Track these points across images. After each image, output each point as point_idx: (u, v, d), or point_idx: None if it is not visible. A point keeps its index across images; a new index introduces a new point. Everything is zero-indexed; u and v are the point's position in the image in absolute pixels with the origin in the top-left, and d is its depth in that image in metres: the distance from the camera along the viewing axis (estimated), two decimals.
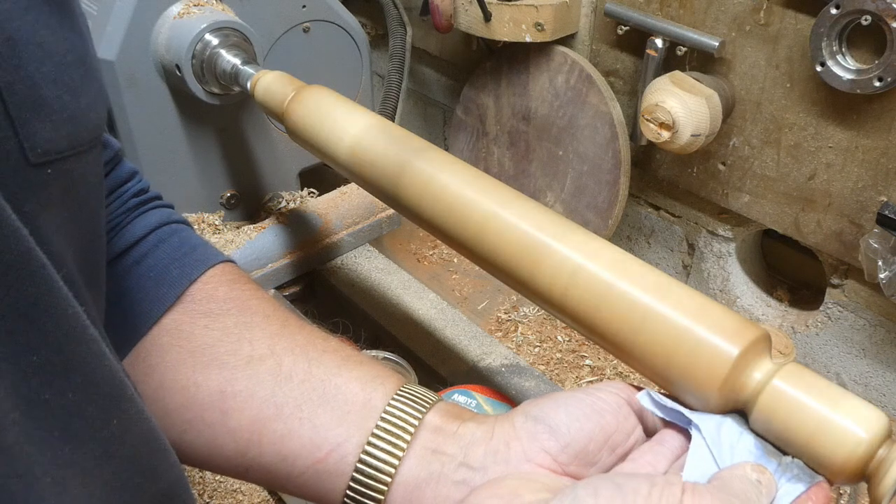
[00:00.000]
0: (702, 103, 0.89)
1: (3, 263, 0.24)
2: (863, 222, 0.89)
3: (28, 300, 0.25)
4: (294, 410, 0.41)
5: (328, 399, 0.42)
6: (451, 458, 0.39)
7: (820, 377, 0.38)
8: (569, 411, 0.39)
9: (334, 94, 0.69)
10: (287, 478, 0.41)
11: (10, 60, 0.28)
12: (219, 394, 0.42)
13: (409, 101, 1.46)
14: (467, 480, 0.38)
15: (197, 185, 0.99)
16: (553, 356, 1.08)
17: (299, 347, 0.44)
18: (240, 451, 0.42)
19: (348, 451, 0.40)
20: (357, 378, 0.43)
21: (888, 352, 0.95)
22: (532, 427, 0.39)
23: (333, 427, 0.41)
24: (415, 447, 0.40)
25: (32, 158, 0.29)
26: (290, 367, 0.43)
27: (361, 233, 1.06)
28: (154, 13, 0.87)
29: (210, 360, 0.43)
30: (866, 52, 0.81)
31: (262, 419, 0.41)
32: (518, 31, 1.07)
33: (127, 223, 0.47)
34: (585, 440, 0.38)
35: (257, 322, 0.45)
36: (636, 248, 1.22)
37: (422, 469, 0.39)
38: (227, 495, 0.78)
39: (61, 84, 0.31)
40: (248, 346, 0.43)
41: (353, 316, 0.98)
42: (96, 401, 0.28)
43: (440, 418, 0.41)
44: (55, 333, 0.26)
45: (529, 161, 1.21)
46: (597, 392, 0.40)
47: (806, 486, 0.36)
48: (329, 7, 1.01)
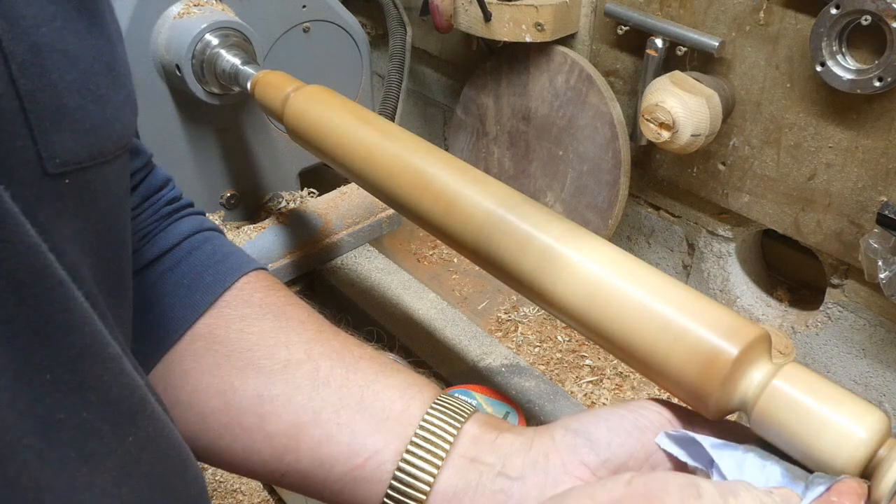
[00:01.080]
0: (702, 103, 0.89)
1: (17, 280, 0.24)
2: (863, 222, 0.89)
3: (42, 317, 0.25)
4: (332, 416, 0.41)
5: (366, 406, 0.41)
6: (489, 467, 0.39)
7: (820, 377, 0.38)
8: (610, 426, 0.39)
9: (334, 94, 0.69)
10: (324, 484, 0.41)
11: (33, 69, 0.27)
12: (256, 398, 0.42)
13: (409, 101, 1.46)
14: (505, 490, 0.38)
15: (197, 185, 0.99)
16: (553, 356, 1.08)
17: (336, 353, 0.44)
18: (276, 455, 0.41)
19: (386, 459, 0.40)
20: (395, 385, 0.42)
21: (888, 352, 0.95)
22: (572, 440, 0.39)
23: (371, 434, 0.40)
24: (453, 457, 0.39)
25: (50, 168, 0.28)
26: (328, 373, 0.43)
27: (361, 233, 1.06)
28: (154, 13, 0.87)
29: (247, 363, 0.43)
30: (866, 52, 0.81)
31: (300, 424, 0.41)
32: (518, 31, 1.07)
33: (160, 231, 0.47)
34: (626, 456, 0.38)
35: (293, 327, 0.45)
36: (636, 248, 1.22)
37: (460, 479, 0.39)
38: (227, 495, 0.78)
39: (86, 92, 0.30)
40: (285, 351, 0.43)
41: (354, 316, 0.98)
42: (111, 419, 0.28)
43: (478, 428, 0.41)
44: (69, 351, 0.26)
45: (529, 161, 1.21)
46: (640, 409, 0.40)
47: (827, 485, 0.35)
48: (329, 7, 1.01)
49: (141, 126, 0.90)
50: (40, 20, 0.28)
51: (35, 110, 0.27)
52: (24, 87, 0.27)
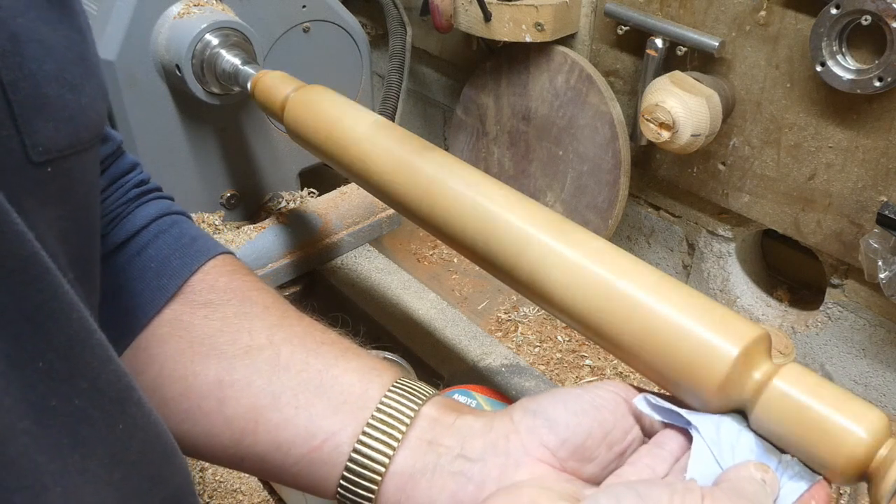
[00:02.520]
0: (702, 103, 0.89)
1: (6, 269, 0.24)
2: (863, 222, 0.89)
3: (32, 305, 0.25)
4: (290, 399, 0.41)
5: (325, 389, 0.42)
6: (447, 449, 0.39)
7: (820, 377, 0.38)
8: (567, 407, 0.39)
9: (334, 94, 0.69)
10: (282, 467, 0.42)
11: (14, 58, 0.28)
12: (216, 383, 0.42)
13: (409, 101, 1.46)
14: (465, 471, 0.38)
15: (197, 185, 0.99)
16: (553, 356, 1.08)
17: (297, 338, 0.44)
18: (235, 439, 0.42)
19: (343, 441, 0.40)
20: (354, 370, 0.43)
21: (888, 352, 0.95)
22: (531, 421, 0.39)
23: (329, 417, 0.41)
24: (410, 438, 0.40)
25: (34, 157, 0.28)
26: (288, 358, 0.43)
27: (361, 233, 1.06)
28: (154, 13, 0.87)
29: (209, 349, 0.43)
30: (866, 52, 0.81)
31: (259, 408, 0.41)
32: (518, 31, 1.07)
33: (127, 213, 0.47)
34: (584, 436, 0.38)
35: (257, 312, 0.45)
36: (636, 248, 1.22)
37: (416, 460, 0.39)
38: (226, 495, 0.78)
39: (63, 82, 0.31)
40: (247, 336, 0.44)
41: (353, 316, 0.98)
42: (102, 406, 0.28)
43: (437, 410, 0.41)
44: (60, 338, 0.26)
45: (529, 161, 1.21)
46: (595, 390, 0.40)
47: (808, 484, 0.36)
48: (329, 7, 1.01)
49: (141, 126, 0.90)
50: (16, 10, 0.28)
51: (17, 100, 0.28)
52: (6, 76, 0.27)
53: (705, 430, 0.38)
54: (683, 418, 0.39)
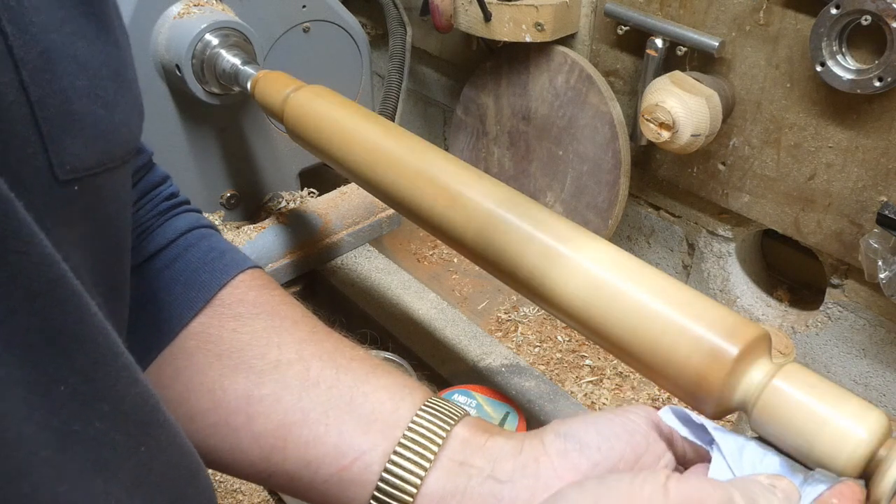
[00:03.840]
0: (702, 103, 0.89)
1: (32, 291, 0.24)
2: (863, 222, 0.89)
3: (56, 329, 0.25)
4: (320, 416, 0.41)
5: (355, 407, 0.41)
6: (478, 470, 0.39)
7: (820, 377, 0.38)
8: (599, 430, 0.38)
9: (334, 94, 0.69)
10: (311, 485, 0.41)
11: (44, 74, 0.27)
12: (245, 398, 0.42)
13: (409, 101, 1.46)
14: (495, 493, 0.38)
15: (197, 185, 0.99)
16: (553, 356, 1.08)
17: (327, 354, 0.43)
18: (264, 455, 0.41)
19: (373, 461, 0.39)
20: (385, 387, 0.42)
21: (888, 352, 0.95)
22: (562, 444, 0.38)
23: (359, 435, 0.40)
24: (442, 459, 0.39)
25: (60, 175, 0.28)
26: (318, 373, 0.42)
27: (361, 233, 1.06)
28: (154, 13, 0.87)
29: (237, 363, 0.42)
30: (866, 52, 0.81)
31: (288, 424, 0.41)
32: (518, 31, 1.07)
33: (157, 227, 0.47)
34: (616, 459, 0.38)
35: (286, 327, 0.44)
36: (636, 248, 1.22)
37: (448, 481, 0.39)
38: (227, 495, 0.78)
39: (95, 98, 0.30)
40: (277, 351, 0.43)
41: (353, 316, 0.98)
42: (125, 429, 0.28)
43: (468, 431, 0.40)
44: (83, 361, 0.26)
45: (529, 161, 1.21)
46: (627, 413, 0.40)
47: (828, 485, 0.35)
48: (329, 7, 1.01)
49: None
50: (50, 26, 0.28)
51: (45, 117, 0.27)
52: (35, 93, 0.27)
53: (727, 448, 0.37)
54: (708, 437, 0.38)
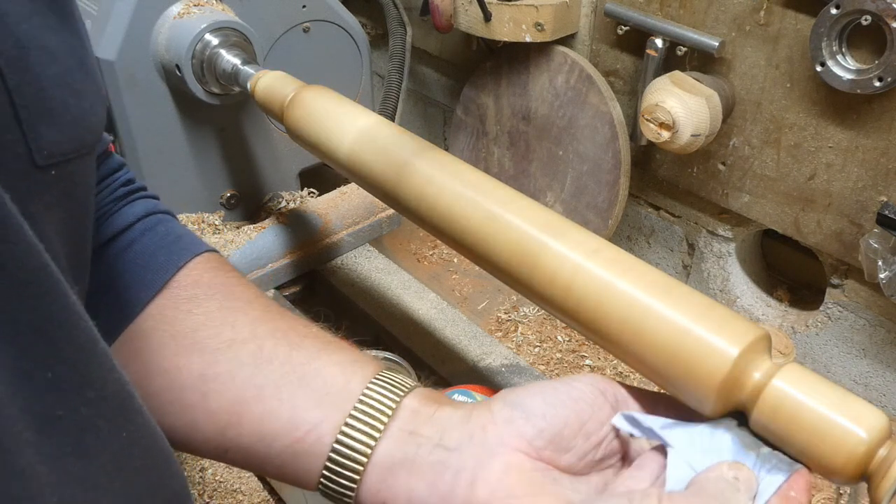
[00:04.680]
0: (702, 103, 0.89)
1: (17, 280, 0.24)
2: (863, 222, 0.89)
3: (41, 316, 0.25)
4: (274, 392, 0.42)
5: (307, 382, 0.42)
6: (427, 439, 0.40)
7: (820, 377, 0.38)
8: (545, 398, 0.40)
9: (334, 94, 0.69)
10: (265, 458, 0.42)
11: (19, 63, 0.28)
12: (200, 376, 0.43)
13: (409, 101, 1.46)
14: (443, 461, 0.39)
15: (197, 185, 0.99)
16: (553, 356, 1.08)
17: (280, 332, 0.45)
18: (220, 431, 0.42)
19: (325, 432, 0.40)
20: (336, 363, 0.43)
21: (888, 352, 0.95)
22: (509, 412, 0.40)
23: (311, 409, 0.41)
24: (391, 429, 0.40)
25: (39, 161, 0.29)
26: (271, 351, 0.43)
27: (361, 233, 1.06)
28: (154, 13, 0.87)
29: (192, 343, 0.43)
30: (866, 52, 0.81)
31: (242, 401, 0.42)
32: (518, 31, 1.07)
33: (114, 212, 0.48)
34: (560, 426, 0.39)
35: (240, 307, 0.45)
36: (636, 248, 1.22)
37: (397, 450, 0.40)
38: (227, 495, 0.78)
39: (66, 87, 0.31)
40: (231, 330, 0.44)
41: (353, 316, 0.98)
42: (106, 414, 0.28)
43: (418, 402, 0.42)
44: (68, 349, 0.26)
45: (529, 161, 1.21)
46: (573, 381, 0.41)
47: (786, 476, 0.36)
48: (329, 7, 1.01)
49: (141, 126, 0.90)
50: (20, 17, 0.29)
51: (23, 104, 0.28)
52: (12, 81, 0.28)
53: (678, 441, 0.38)
54: (658, 434, 0.39)
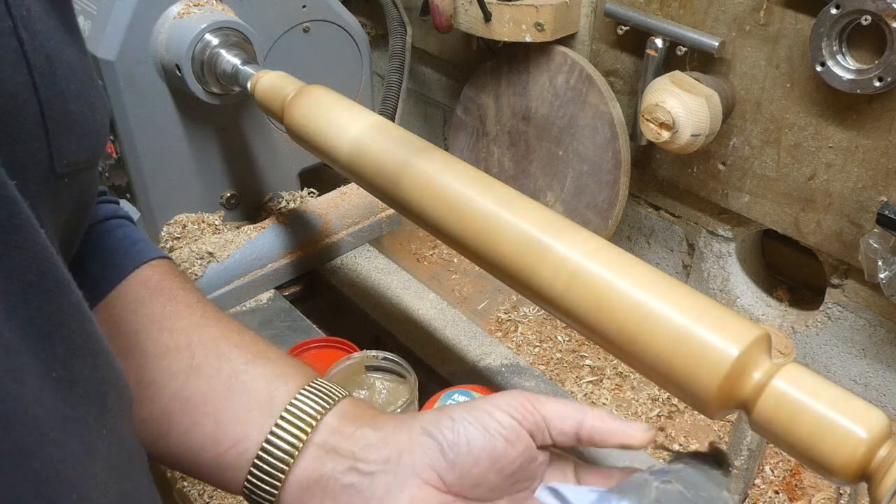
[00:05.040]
0: (702, 103, 0.89)
1: (25, 283, 0.25)
2: (863, 222, 0.89)
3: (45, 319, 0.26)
4: (199, 405, 0.43)
5: (233, 395, 0.43)
6: (343, 459, 0.41)
7: (820, 377, 0.38)
8: (459, 430, 0.40)
9: (334, 94, 0.69)
10: (193, 466, 0.43)
11: (49, 77, 0.30)
12: (135, 383, 0.43)
13: (409, 101, 1.46)
14: (355, 485, 0.40)
15: (197, 185, 0.99)
16: (553, 356, 1.08)
17: (213, 341, 0.45)
18: (151, 440, 0.43)
19: (248, 448, 0.42)
20: (262, 376, 0.44)
21: (888, 352, 0.95)
22: (425, 442, 0.40)
23: (235, 424, 0.42)
24: (311, 446, 0.41)
25: (58, 169, 0.31)
26: (202, 361, 0.44)
27: (361, 233, 1.06)
28: (154, 13, 0.87)
29: (132, 346, 0.44)
30: (866, 52, 0.81)
31: (170, 412, 0.43)
32: (518, 31, 1.07)
33: None
34: (471, 464, 0.40)
35: (180, 311, 0.47)
36: (636, 248, 1.22)
37: (314, 469, 0.41)
38: (227, 496, 0.78)
39: (83, 100, 0.33)
40: (168, 336, 0.45)
41: (353, 316, 0.98)
42: (92, 411, 0.29)
43: (338, 419, 0.42)
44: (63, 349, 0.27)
45: (529, 161, 1.21)
46: (494, 411, 0.41)
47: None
48: (329, 7, 1.01)
49: (141, 126, 0.90)
50: (48, 34, 0.31)
51: (50, 115, 0.30)
52: (43, 94, 0.29)
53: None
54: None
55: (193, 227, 0.99)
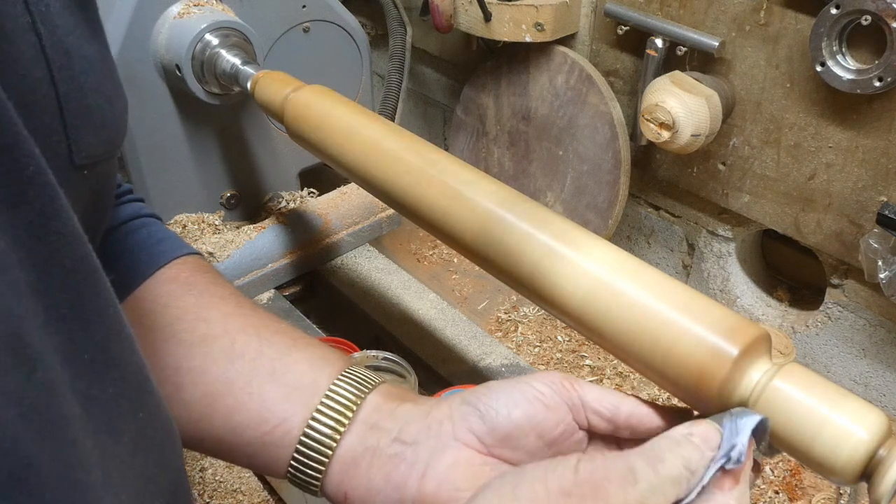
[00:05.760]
0: (702, 103, 0.89)
1: (64, 268, 0.26)
2: (863, 222, 0.89)
3: (82, 301, 0.27)
4: (244, 386, 0.44)
5: (277, 377, 0.44)
6: (386, 432, 0.42)
7: (820, 377, 0.38)
8: (499, 398, 0.41)
9: (334, 94, 0.69)
10: (236, 447, 0.44)
11: (67, 72, 0.31)
12: (174, 368, 0.45)
13: (409, 101, 1.46)
14: (399, 454, 0.41)
15: (197, 185, 0.99)
16: (553, 356, 1.08)
17: (252, 328, 0.47)
18: (193, 422, 0.44)
19: (294, 426, 0.43)
20: (305, 359, 0.45)
21: (888, 352, 0.95)
22: (465, 409, 0.42)
23: (280, 403, 0.43)
24: (355, 423, 0.42)
25: (77, 161, 0.32)
26: (243, 347, 0.45)
27: (361, 233, 1.06)
28: (154, 13, 0.87)
29: (168, 336, 0.45)
30: (866, 52, 0.81)
31: (214, 394, 0.44)
32: (518, 31, 1.07)
33: None
34: (511, 426, 0.41)
35: (214, 303, 0.48)
36: (636, 248, 1.22)
37: (360, 443, 0.42)
38: (227, 495, 0.78)
39: (101, 94, 0.34)
40: (204, 325, 0.46)
41: (353, 316, 0.98)
42: (127, 395, 0.30)
43: (381, 398, 0.44)
44: (100, 332, 0.28)
45: (529, 161, 1.21)
46: (533, 381, 0.42)
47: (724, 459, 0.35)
48: (329, 7, 1.01)
49: (141, 126, 0.90)
50: (67, 29, 0.32)
51: (69, 109, 0.31)
52: (62, 88, 0.30)
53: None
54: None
55: (193, 227, 0.99)
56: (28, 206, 0.25)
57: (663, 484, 0.34)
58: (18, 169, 0.24)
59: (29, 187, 0.25)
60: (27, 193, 0.24)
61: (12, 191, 0.24)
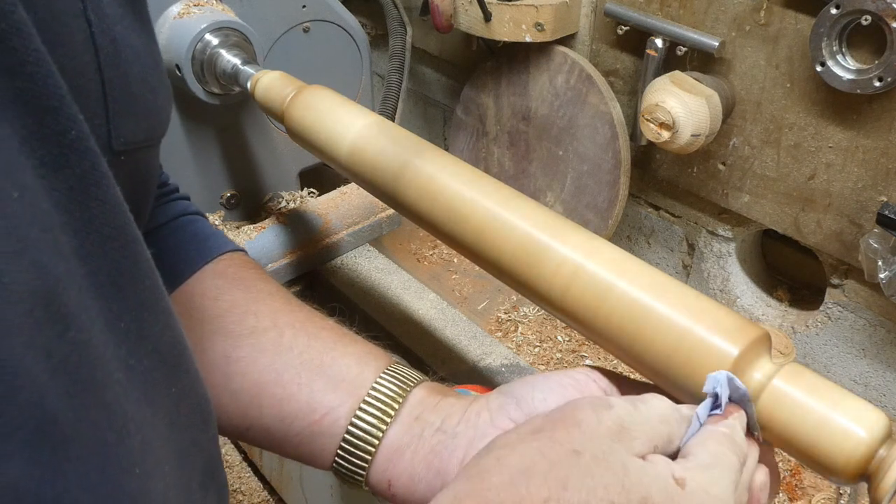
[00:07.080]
0: (702, 103, 0.89)
1: (103, 235, 0.27)
2: (863, 222, 0.89)
3: (119, 270, 0.28)
4: (293, 377, 0.45)
5: (324, 370, 0.46)
6: (430, 424, 0.43)
7: (820, 377, 0.38)
8: (535, 386, 0.43)
9: (334, 94, 0.69)
10: (284, 437, 0.45)
11: (113, 59, 0.32)
12: (223, 358, 0.46)
13: (409, 101, 1.46)
14: (442, 442, 0.43)
15: (197, 185, 0.99)
16: (553, 356, 1.08)
17: (300, 323, 0.48)
18: (241, 411, 0.45)
19: (341, 416, 0.44)
20: (352, 353, 0.47)
21: (888, 352, 0.95)
22: (503, 400, 0.43)
23: (329, 393, 0.45)
24: (401, 415, 0.44)
25: (115, 146, 0.33)
26: (291, 340, 0.47)
27: (361, 233, 1.06)
28: (154, 13, 0.87)
29: (217, 328, 0.47)
30: (866, 52, 0.81)
31: (263, 383, 0.45)
32: (518, 31, 1.07)
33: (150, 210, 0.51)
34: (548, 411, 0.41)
35: (262, 298, 0.49)
36: (636, 248, 1.22)
37: (404, 434, 0.43)
38: (235, 493, 0.78)
39: (144, 83, 0.35)
40: (253, 319, 0.47)
41: (354, 316, 0.98)
42: (161, 368, 0.30)
43: (425, 392, 0.45)
44: (134, 301, 0.29)
45: (529, 161, 1.21)
46: (567, 372, 0.44)
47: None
48: (329, 7, 1.01)
49: None
50: (116, 19, 0.33)
51: (112, 95, 0.32)
52: (107, 74, 0.31)
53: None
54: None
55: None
56: (69, 171, 0.25)
57: (649, 417, 0.36)
58: (61, 132, 0.25)
59: (70, 152, 0.25)
60: (69, 157, 0.25)
61: (54, 153, 0.24)
